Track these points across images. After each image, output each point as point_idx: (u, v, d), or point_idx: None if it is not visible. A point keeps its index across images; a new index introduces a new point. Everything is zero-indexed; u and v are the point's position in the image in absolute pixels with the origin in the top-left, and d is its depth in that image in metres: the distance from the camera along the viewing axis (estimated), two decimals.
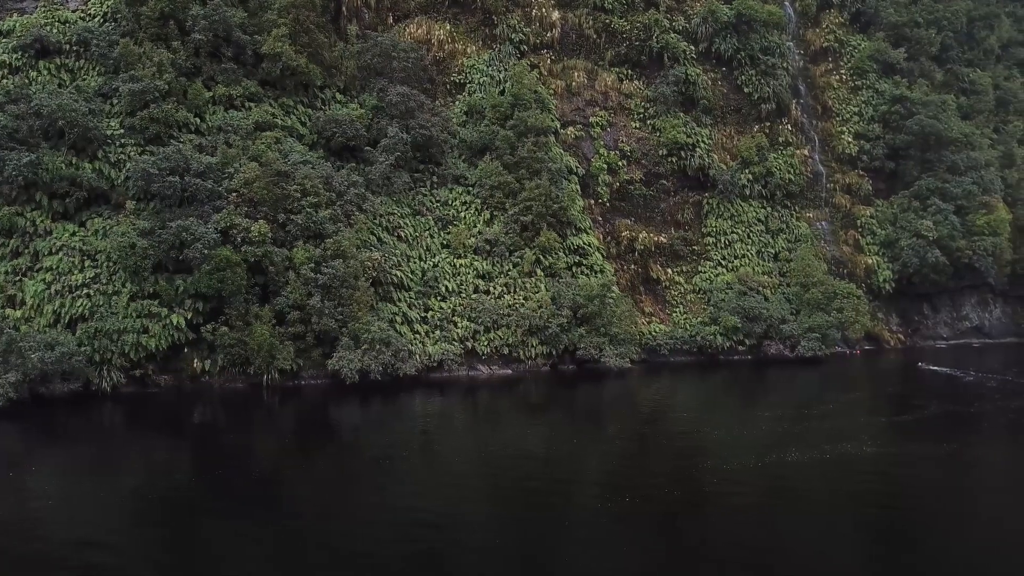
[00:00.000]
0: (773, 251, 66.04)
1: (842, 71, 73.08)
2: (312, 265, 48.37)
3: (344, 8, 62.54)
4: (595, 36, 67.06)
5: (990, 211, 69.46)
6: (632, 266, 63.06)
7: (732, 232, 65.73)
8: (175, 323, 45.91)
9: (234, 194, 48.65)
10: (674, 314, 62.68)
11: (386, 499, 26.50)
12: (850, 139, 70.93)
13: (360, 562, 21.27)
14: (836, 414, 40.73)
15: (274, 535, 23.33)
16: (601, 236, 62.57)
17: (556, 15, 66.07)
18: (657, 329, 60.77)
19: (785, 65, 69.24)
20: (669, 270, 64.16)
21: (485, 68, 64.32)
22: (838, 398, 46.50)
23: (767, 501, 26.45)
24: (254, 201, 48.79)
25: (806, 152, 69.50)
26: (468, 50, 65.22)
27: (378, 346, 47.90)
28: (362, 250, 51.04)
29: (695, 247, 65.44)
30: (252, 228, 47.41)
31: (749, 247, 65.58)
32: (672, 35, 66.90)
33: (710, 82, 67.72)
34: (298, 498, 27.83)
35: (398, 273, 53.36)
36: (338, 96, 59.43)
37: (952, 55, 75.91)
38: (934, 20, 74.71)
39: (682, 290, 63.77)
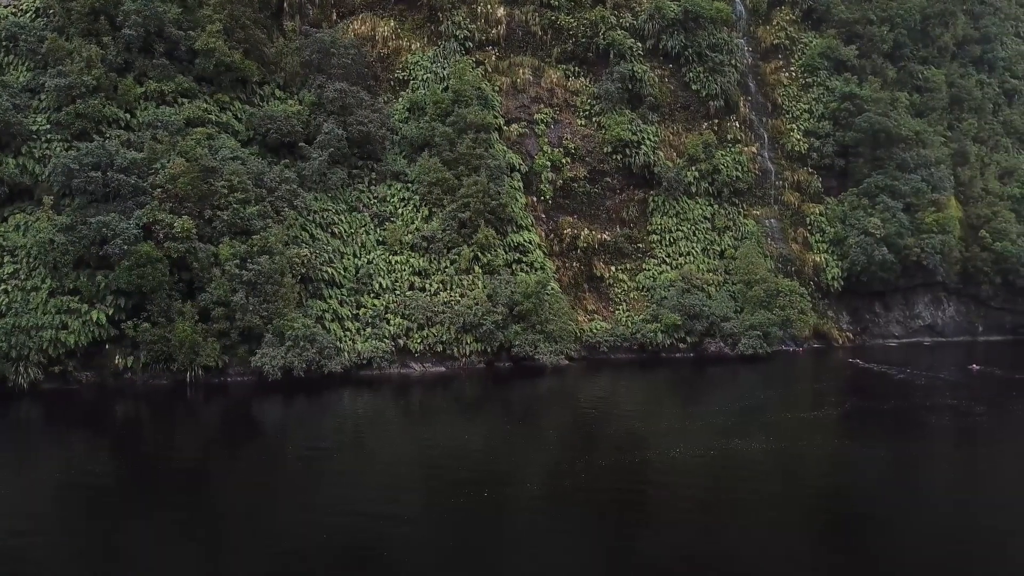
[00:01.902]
0: (719, 249, 65.72)
1: (793, 68, 72.73)
2: (237, 261, 48.06)
3: (286, 4, 62.28)
4: (541, 33, 66.75)
5: (940, 209, 69.20)
6: (575, 264, 62.77)
7: (677, 230, 65.41)
8: (95, 319, 45.61)
9: (159, 190, 48.32)
10: (617, 312, 62.38)
11: (313, 496, 26.30)
12: (800, 136, 70.59)
13: (288, 558, 21.13)
14: (746, 411, 40.56)
15: (199, 532, 23.01)
16: (543, 233, 62.29)
17: (502, 11, 65.77)
18: (598, 327, 60.47)
19: (734, 62, 68.92)
20: (613, 268, 63.87)
21: (429, 65, 64.04)
22: (758, 395, 46.32)
23: (638, 498, 26.26)
24: (179, 197, 48.46)
25: (754, 149, 69.16)
26: (413, 47, 64.96)
27: (302, 343, 47.60)
28: (291, 247, 50.77)
29: (640, 245, 65.14)
30: (176, 224, 47.13)
31: (694, 245, 65.28)
32: (619, 32, 66.59)
33: (657, 79, 67.39)
34: (222, 495, 27.50)
35: (329, 270, 53.07)
36: (278, 92, 59.19)
37: (905, 52, 75.54)
38: (887, 17, 74.37)
39: (626, 288, 63.45)
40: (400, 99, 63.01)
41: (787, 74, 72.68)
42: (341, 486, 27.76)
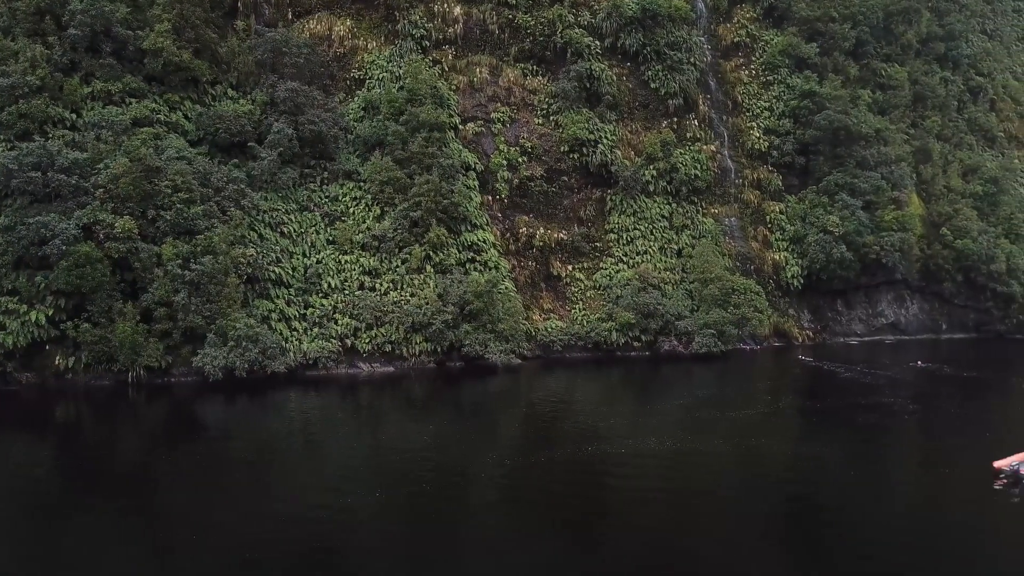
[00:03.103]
0: (676, 247, 65.60)
1: (753, 66, 72.64)
2: (180, 261, 47.87)
3: (240, 3, 62.11)
4: (499, 31, 66.65)
5: (900, 206, 69.12)
6: (532, 263, 62.66)
7: (635, 228, 65.30)
8: (35, 320, 45.40)
9: (101, 190, 48.14)
10: (574, 311, 62.25)
11: (254, 496, 26.14)
12: (760, 134, 70.49)
13: (231, 559, 21.03)
14: (677, 410, 40.59)
15: (141, 533, 22.82)
16: (499, 232, 62.16)
17: (459, 10, 65.69)
18: (554, 326, 60.33)
19: (693, 60, 68.80)
20: (570, 267, 63.74)
21: (386, 64, 63.94)
22: (696, 394, 46.24)
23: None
24: (121, 197, 48.27)
25: (713, 148, 69.05)
26: (370, 46, 64.89)
27: (244, 343, 47.39)
28: (236, 246, 50.55)
29: (598, 244, 65.02)
30: (117, 224, 46.96)
31: (651, 243, 65.16)
32: (576, 30, 66.48)
33: (615, 78, 67.30)
34: (163, 496, 27.29)
35: (277, 269, 52.90)
36: (230, 92, 59.03)
37: (868, 50, 75.47)
38: (849, 15, 74.30)
39: (583, 287, 63.34)
40: (356, 98, 62.87)
41: (748, 72, 72.61)
42: (282, 486, 27.45)
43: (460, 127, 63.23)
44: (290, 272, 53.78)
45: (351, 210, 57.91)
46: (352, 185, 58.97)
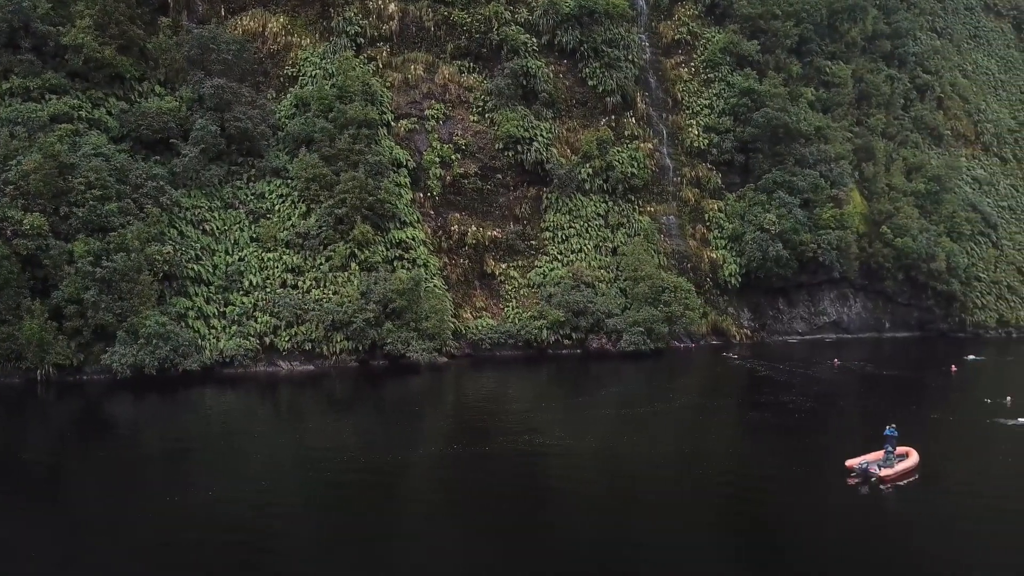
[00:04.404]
0: (611, 246, 65.45)
1: (694, 64, 72.47)
2: (91, 259, 47.57)
3: (171, 0, 61.71)
4: (435, 28, 66.38)
5: (838, 205, 69.08)
6: (464, 261, 62.41)
7: (570, 227, 65.16)
8: None
9: (11, 187, 47.79)
10: (507, 309, 62.13)
11: (164, 493, 25.76)
12: (699, 132, 70.32)
13: (139, 557, 20.68)
14: (577, 408, 40.46)
15: (57, 533, 22.48)
16: (431, 230, 61.92)
17: (393, 7, 65.39)
18: (485, 324, 60.18)
19: (631, 57, 68.61)
20: (504, 264, 63.58)
21: (319, 61, 63.61)
22: (599, 392, 46.11)
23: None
24: (31, 194, 47.93)
25: (651, 146, 68.88)
26: (304, 43, 64.51)
27: (155, 341, 47.11)
28: (152, 244, 50.21)
29: (533, 242, 64.88)
30: (25, 221, 46.63)
31: (587, 242, 65.01)
32: (513, 27, 66.26)
33: (552, 75, 67.10)
34: (69, 494, 26.97)
35: (196, 267, 52.62)
36: (158, 89, 58.63)
37: (812, 48, 75.39)
38: (793, 12, 74.16)
39: (517, 285, 63.19)
40: (288, 95, 62.53)
41: (688, 69, 72.44)
42: (194, 484, 27.02)
43: (393, 124, 62.95)
44: (210, 270, 53.48)
45: (277, 207, 57.61)
46: (279, 182, 58.65)
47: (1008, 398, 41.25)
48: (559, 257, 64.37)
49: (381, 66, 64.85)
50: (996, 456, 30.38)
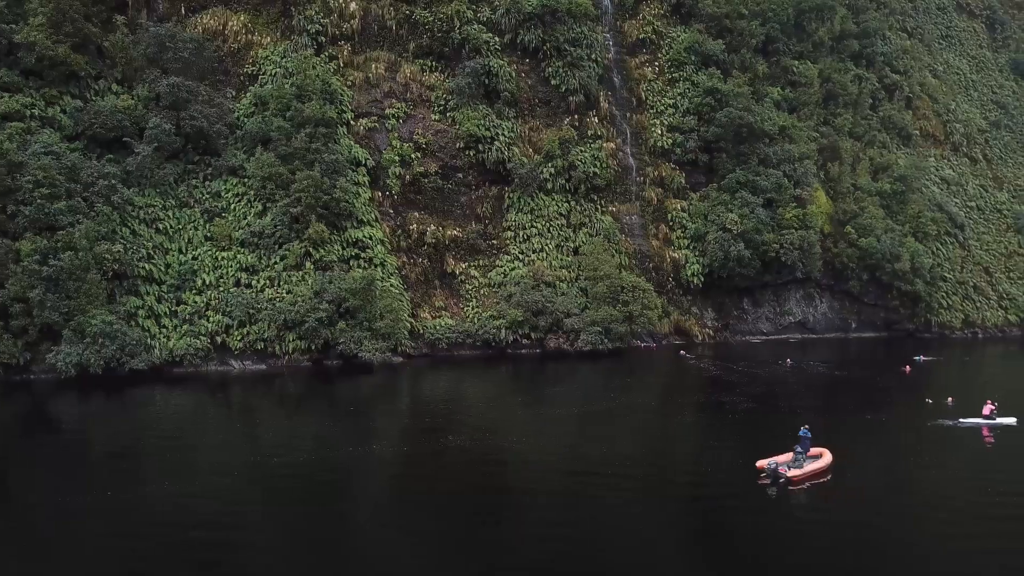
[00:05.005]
0: (573, 245, 65.32)
1: (659, 63, 72.32)
2: (38, 257, 47.40)
3: None
4: (397, 27, 66.20)
5: (802, 204, 68.99)
6: (424, 260, 62.23)
7: (532, 226, 65.03)
8: None
9: None
10: (467, 308, 61.99)
11: (105, 494, 25.61)
12: (663, 132, 70.17)
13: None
14: (510, 407, 40.21)
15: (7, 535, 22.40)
16: (390, 229, 61.74)
17: (355, 6, 65.18)
18: (443, 323, 60.02)
19: (595, 56, 68.44)
20: (465, 264, 63.43)
21: (279, 60, 63.39)
22: (548, 391, 46.05)
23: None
24: None
25: (614, 145, 68.74)
26: (265, 41, 64.32)
27: (101, 340, 46.95)
28: (102, 243, 50.04)
29: (495, 241, 64.75)
30: None
31: (548, 241, 64.90)
32: (475, 26, 66.08)
33: (515, 74, 66.93)
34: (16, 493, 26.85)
35: (148, 266, 52.44)
36: (115, 87, 58.41)
37: (779, 47, 75.30)
38: (759, 12, 74.07)
39: (477, 284, 63.05)
40: (247, 94, 62.33)
41: (653, 69, 72.28)
42: (138, 481, 26.88)
43: (353, 123, 62.79)
44: (163, 269, 53.31)
45: (233, 206, 57.45)
46: (236, 181, 58.48)
47: (949, 399, 41.24)
48: (520, 256, 64.23)
49: (343, 65, 64.66)
50: (913, 458, 30.30)
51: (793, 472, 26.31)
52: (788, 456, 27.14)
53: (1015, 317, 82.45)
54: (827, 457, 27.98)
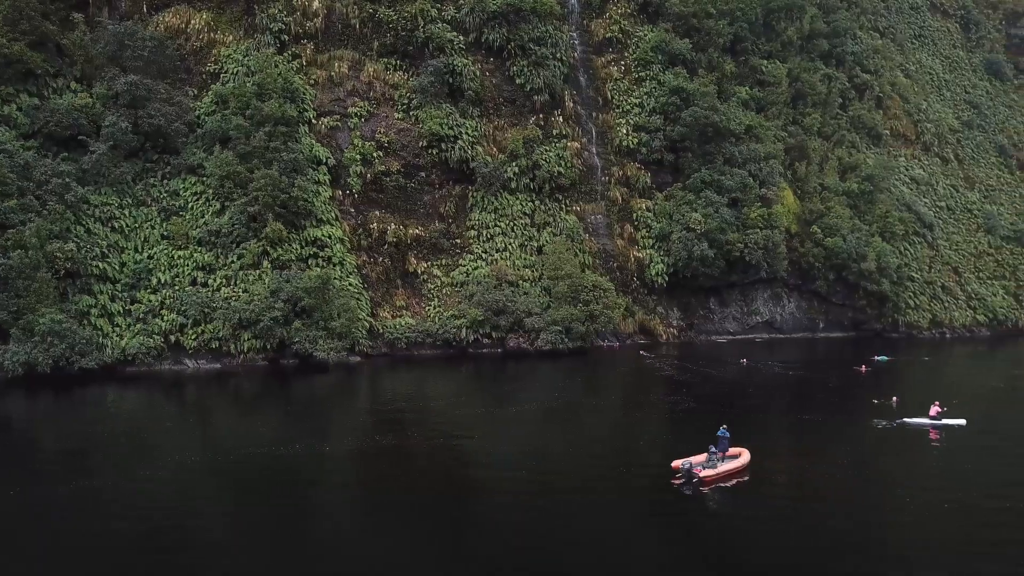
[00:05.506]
0: (537, 245, 65.24)
1: (625, 62, 72.22)
2: None
3: None
4: (361, 26, 66.09)
5: (767, 204, 68.95)
6: (385, 259, 62.12)
7: (495, 225, 64.95)
8: None
9: None
10: (429, 308, 61.89)
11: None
12: (628, 131, 70.07)
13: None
14: (445, 408, 40.04)
15: None
16: (351, 228, 61.60)
17: (318, 4, 65.08)
18: (403, 323, 59.90)
19: (560, 55, 68.36)
20: (427, 263, 63.32)
21: (241, 58, 63.25)
22: (499, 391, 45.93)
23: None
24: None
25: (579, 144, 68.66)
26: (227, 40, 64.17)
27: (49, 338, 46.77)
28: (53, 241, 49.88)
29: (458, 240, 64.65)
30: None
31: (512, 240, 64.82)
32: (439, 25, 66.01)
33: (480, 73, 66.82)
34: None
35: (102, 265, 52.27)
36: (73, 85, 58.21)
37: (747, 46, 75.26)
38: (727, 11, 74.03)
39: (440, 283, 62.94)
40: (208, 93, 62.16)
41: (619, 68, 72.19)
42: (82, 477, 26.63)
43: (314, 122, 62.66)
44: (117, 267, 53.14)
45: (191, 205, 57.30)
46: (195, 180, 58.33)
47: (894, 399, 41.22)
48: (484, 256, 64.15)
49: (306, 63, 64.56)
50: (838, 458, 30.18)
51: (706, 472, 26.24)
52: (703, 456, 27.07)
53: (984, 317, 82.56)
54: (745, 457, 27.91)
